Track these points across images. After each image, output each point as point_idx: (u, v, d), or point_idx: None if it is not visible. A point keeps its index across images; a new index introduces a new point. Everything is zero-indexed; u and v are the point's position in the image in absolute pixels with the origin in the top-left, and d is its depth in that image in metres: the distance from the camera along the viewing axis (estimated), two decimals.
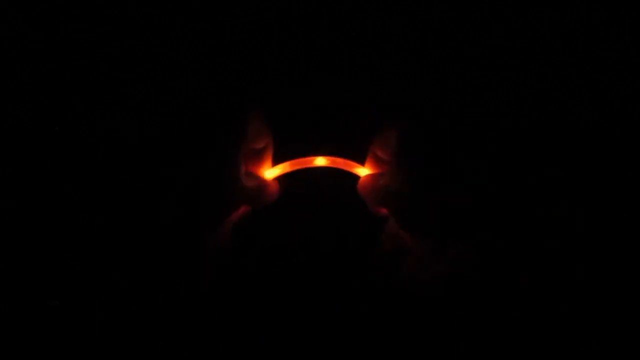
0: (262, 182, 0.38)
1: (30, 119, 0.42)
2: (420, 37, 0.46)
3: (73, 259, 0.36)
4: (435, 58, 0.46)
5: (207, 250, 0.37)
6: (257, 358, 0.44)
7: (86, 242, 0.36)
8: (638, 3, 0.44)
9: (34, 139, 0.40)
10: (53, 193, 0.37)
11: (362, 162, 0.40)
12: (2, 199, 0.38)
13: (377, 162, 0.38)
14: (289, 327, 0.45)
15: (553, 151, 0.39)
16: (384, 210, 0.39)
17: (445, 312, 0.38)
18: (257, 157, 0.39)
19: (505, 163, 0.36)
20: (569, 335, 0.35)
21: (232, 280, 0.44)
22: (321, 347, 0.44)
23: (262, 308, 0.45)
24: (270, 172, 0.40)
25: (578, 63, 0.45)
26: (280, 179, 0.40)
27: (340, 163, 0.39)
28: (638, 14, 0.44)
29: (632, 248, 0.36)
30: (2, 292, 0.37)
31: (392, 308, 0.42)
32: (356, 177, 0.39)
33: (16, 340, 0.37)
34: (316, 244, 0.47)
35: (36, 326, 0.37)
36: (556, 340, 0.35)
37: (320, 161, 0.39)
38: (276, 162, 0.40)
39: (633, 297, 0.36)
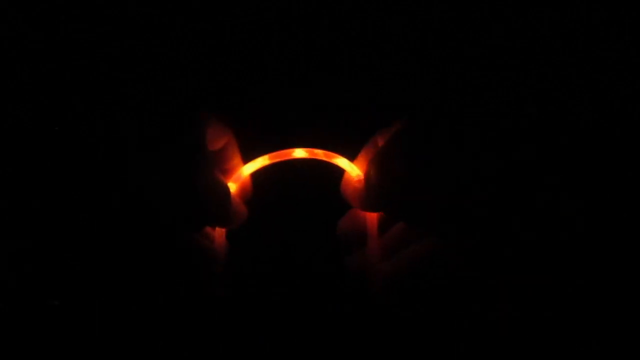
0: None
1: (30, 119, 0.42)
2: (420, 37, 0.46)
3: (73, 259, 0.36)
4: (435, 58, 0.46)
5: (204, 252, 0.37)
6: (256, 358, 0.44)
7: (86, 242, 0.36)
8: (638, 3, 0.44)
9: (34, 139, 0.40)
10: (53, 193, 0.37)
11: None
12: (2, 199, 0.38)
13: (370, 156, 0.38)
14: (284, 325, 0.45)
15: (553, 151, 0.39)
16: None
17: (441, 313, 0.38)
18: (223, 156, 0.38)
19: (504, 163, 0.36)
20: (569, 335, 0.35)
21: (228, 281, 0.44)
22: (318, 346, 0.44)
23: (258, 308, 0.45)
24: (249, 167, 0.38)
25: (578, 63, 0.45)
26: (260, 175, 0.39)
27: (320, 154, 0.38)
28: (638, 14, 0.44)
29: (632, 248, 0.36)
30: (2, 292, 0.37)
31: (390, 308, 0.42)
32: (337, 168, 0.38)
33: (16, 340, 0.37)
34: (301, 239, 0.47)
35: (36, 326, 0.37)
36: (556, 340, 0.35)
37: (300, 153, 0.38)
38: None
39: (633, 297, 0.36)
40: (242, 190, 0.39)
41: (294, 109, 0.46)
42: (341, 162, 0.38)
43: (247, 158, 0.39)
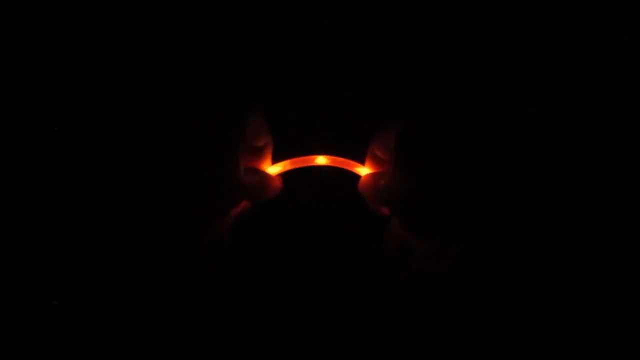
0: (266, 176, 0.39)
1: (30, 119, 0.42)
2: (420, 37, 0.46)
3: (73, 259, 0.36)
4: (435, 58, 0.46)
5: (205, 248, 0.37)
6: (257, 358, 0.44)
7: (86, 242, 0.36)
8: (638, 3, 0.44)
9: (34, 139, 0.40)
10: (53, 193, 0.37)
11: (362, 162, 0.40)
12: (2, 199, 0.38)
13: (376, 161, 0.38)
14: (288, 328, 0.45)
15: (553, 151, 0.39)
16: (385, 209, 0.39)
17: (446, 312, 0.38)
18: (257, 155, 0.39)
19: (505, 163, 0.36)
20: (569, 335, 0.35)
21: (230, 280, 0.44)
22: (321, 347, 0.44)
23: (262, 308, 0.45)
24: (271, 170, 0.40)
25: (578, 63, 0.45)
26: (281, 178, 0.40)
27: (341, 162, 0.39)
28: (638, 14, 0.44)
29: (632, 248, 0.36)
30: (2, 292, 0.37)
31: (392, 308, 0.42)
32: (357, 177, 0.39)
33: (16, 340, 0.37)
34: (316, 244, 0.47)
35: (36, 326, 0.37)
36: (556, 340, 0.35)
37: (321, 160, 0.39)
38: (276, 161, 0.40)
39: (633, 297, 0.36)
40: (264, 186, 0.40)
41: (295, 109, 0.46)
42: (362, 170, 0.39)
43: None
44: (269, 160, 0.40)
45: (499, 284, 0.36)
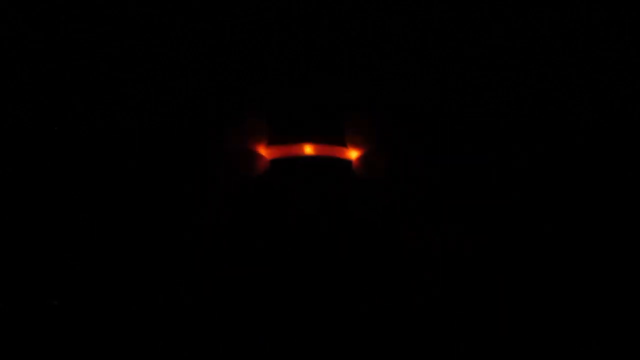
0: (252, 153, 0.40)
1: (30, 119, 0.42)
2: (420, 37, 0.46)
3: (73, 259, 0.36)
4: (435, 58, 0.46)
5: (203, 245, 0.38)
6: (257, 358, 0.44)
7: (86, 242, 0.36)
8: (638, 3, 0.44)
9: (34, 139, 0.40)
10: (53, 193, 0.37)
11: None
12: (2, 199, 0.38)
13: (357, 144, 0.40)
14: (285, 324, 0.45)
15: (554, 150, 0.39)
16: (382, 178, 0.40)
17: (446, 312, 0.38)
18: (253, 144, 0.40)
19: (504, 162, 0.36)
20: (569, 335, 0.35)
21: (229, 279, 0.44)
22: (318, 345, 0.44)
23: (259, 306, 0.45)
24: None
25: (578, 63, 0.45)
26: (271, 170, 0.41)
27: (328, 150, 0.41)
28: (638, 14, 0.44)
29: (631, 248, 0.36)
30: (2, 292, 0.37)
31: (392, 305, 0.42)
32: (347, 161, 0.40)
33: (16, 340, 0.37)
34: (308, 233, 0.47)
35: (36, 326, 0.37)
36: (556, 340, 0.35)
37: (309, 149, 0.41)
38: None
39: (633, 297, 0.36)
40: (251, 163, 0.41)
41: (294, 108, 0.46)
42: (350, 154, 0.41)
43: None
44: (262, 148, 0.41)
45: (499, 284, 0.36)
